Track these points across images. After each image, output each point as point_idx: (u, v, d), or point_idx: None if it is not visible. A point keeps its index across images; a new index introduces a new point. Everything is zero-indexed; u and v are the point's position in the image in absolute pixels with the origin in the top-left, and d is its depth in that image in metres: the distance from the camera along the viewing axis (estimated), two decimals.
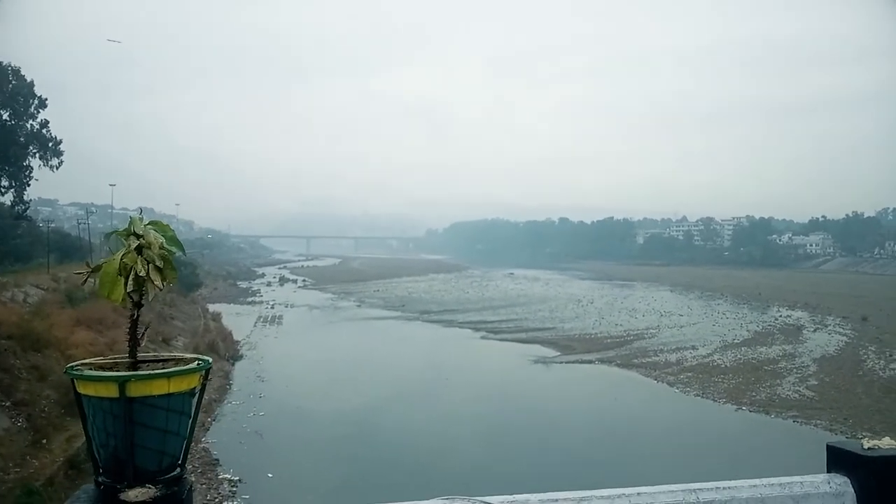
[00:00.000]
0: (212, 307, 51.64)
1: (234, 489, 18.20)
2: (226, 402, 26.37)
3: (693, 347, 39.62)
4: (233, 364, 33.37)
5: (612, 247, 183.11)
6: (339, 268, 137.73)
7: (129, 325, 1.76)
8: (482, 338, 44.72)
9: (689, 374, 32.55)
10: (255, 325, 48.10)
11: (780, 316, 56.62)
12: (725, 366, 34.37)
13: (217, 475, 18.64)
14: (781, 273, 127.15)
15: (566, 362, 36.00)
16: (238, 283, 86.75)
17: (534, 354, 37.88)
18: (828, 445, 2.04)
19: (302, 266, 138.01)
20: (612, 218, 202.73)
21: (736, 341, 41.98)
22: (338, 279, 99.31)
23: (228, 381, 29.78)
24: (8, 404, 19.26)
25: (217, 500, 17.60)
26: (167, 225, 1.78)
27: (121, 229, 1.75)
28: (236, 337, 39.46)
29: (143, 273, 1.67)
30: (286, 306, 61.29)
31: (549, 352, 38.89)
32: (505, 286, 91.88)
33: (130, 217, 1.76)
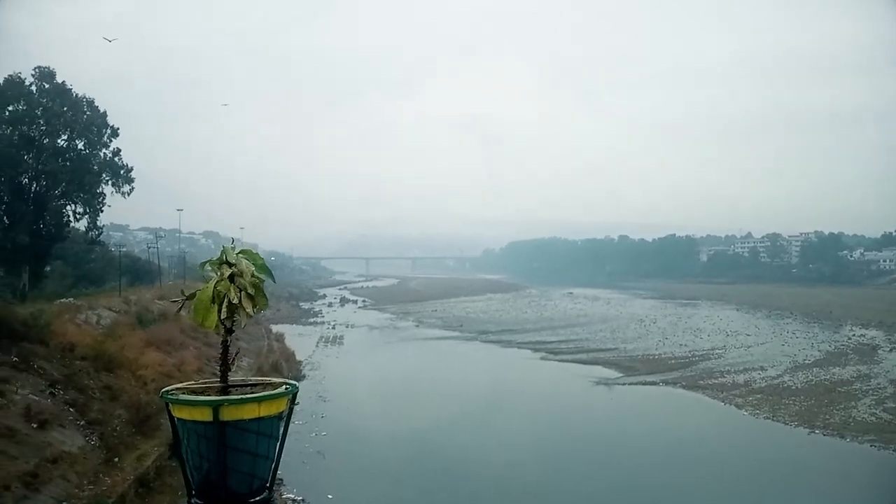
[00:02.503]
0: (275, 328, 52.55)
1: None
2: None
3: (761, 368, 38.32)
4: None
5: (675, 264, 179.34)
6: (397, 288, 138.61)
7: (220, 351, 1.83)
8: (542, 358, 44.26)
9: (758, 395, 31.47)
10: (316, 346, 48.81)
11: (854, 335, 54.24)
12: (796, 387, 33.10)
13: (281, 495, 18.86)
14: (853, 290, 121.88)
15: (629, 384, 35.29)
16: (300, 304, 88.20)
17: (595, 376, 37.27)
18: None
19: (361, 287, 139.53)
20: (674, 235, 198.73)
21: (807, 362, 40.41)
22: (396, 299, 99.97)
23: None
24: (82, 423, 19.99)
25: None
26: (257, 254, 1.85)
27: (213, 259, 1.82)
28: (299, 357, 40.09)
29: (235, 300, 1.73)
30: (347, 326, 61.97)
31: (612, 373, 38.19)
32: (564, 305, 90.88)
33: (223, 246, 1.83)
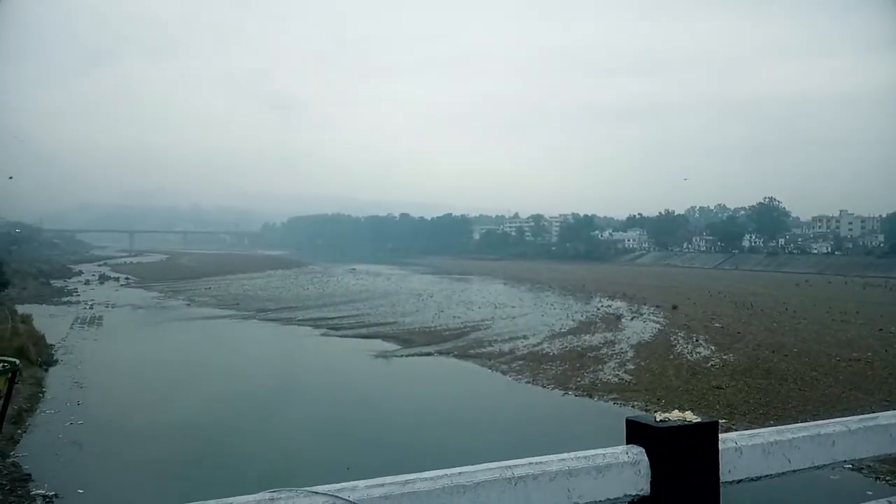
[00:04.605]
0: (21, 308, 47.05)
1: None
2: (38, 411, 24.06)
3: (524, 337, 41.51)
4: (46, 370, 30.54)
5: (451, 242, 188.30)
6: (166, 264, 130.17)
7: None
8: (322, 335, 44.17)
9: (521, 362, 34.09)
10: (71, 327, 44.30)
11: (602, 306, 60.87)
12: (553, 354, 36.31)
13: (29, 491, 16.95)
14: (603, 266, 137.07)
15: (406, 355, 36.46)
16: (51, 282, 79.56)
17: (375, 349, 38.01)
18: (627, 420, 2.32)
19: (124, 263, 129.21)
20: (451, 214, 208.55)
21: (563, 330, 44.51)
22: (165, 276, 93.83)
23: (41, 388, 27.21)
24: None
25: None
26: None
27: None
28: (50, 340, 36.16)
29: None
30: (107, 306, 56.99)
31: (390, 346, 39.20)
32: (346, 282, 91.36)
33: None
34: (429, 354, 36.69)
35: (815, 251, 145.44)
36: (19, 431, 21.16)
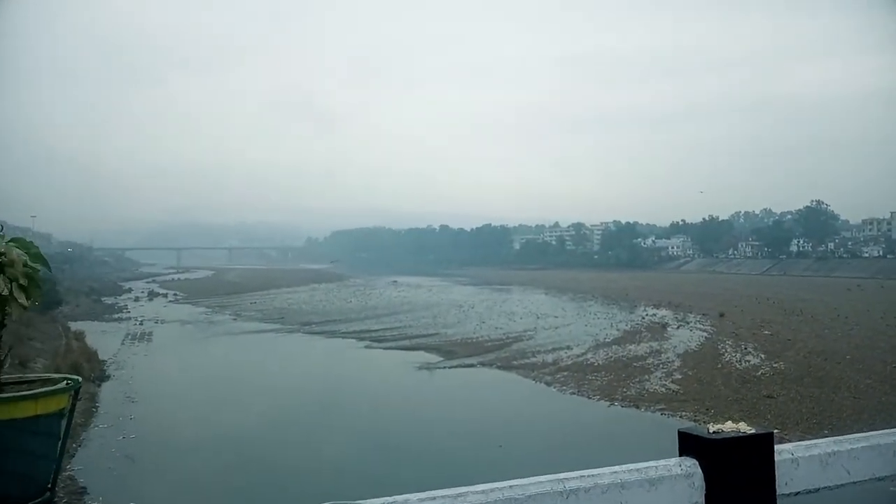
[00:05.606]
0: (74, 325, 48.53)
1: None
2: (92, 425, 24.69)
3: (568, 347, 41.11)
4: (99, 385, 31.34)
5: (491, 252, 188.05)
6: (212, 280, 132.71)
7: None
8: (366, 347, 44.46)
9: (565, 373, 33.75)
10: (122, 343, 45.43)
11: (647, 315, 59.97)
12: (598, 364, 35.88)
13: None
14: (647, 274, 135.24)
15: (449, 367, 36.44)
16: (102, 299, 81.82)
17: (418, 361, 38.08)
18: (679, 432, 2.25)
19: (172, 279, 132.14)
20: (490, 224, 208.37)
21: (607, 340, 43.97)
22: (212, 292, 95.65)
23: (94, 403, 27.92)
24: None
25: None
26: (31, 242, 1.68)
27: None
28: (102, 356, 37.12)
29: (5, 292, 1.57)
30: (156, 322, 58.29)
31: (433, 357, 39.23)
32: (388, 294, 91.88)
33: None
34: (472, 366, 36.60)
35: (867, 255, 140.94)
36: (74, 445, 21.72)
